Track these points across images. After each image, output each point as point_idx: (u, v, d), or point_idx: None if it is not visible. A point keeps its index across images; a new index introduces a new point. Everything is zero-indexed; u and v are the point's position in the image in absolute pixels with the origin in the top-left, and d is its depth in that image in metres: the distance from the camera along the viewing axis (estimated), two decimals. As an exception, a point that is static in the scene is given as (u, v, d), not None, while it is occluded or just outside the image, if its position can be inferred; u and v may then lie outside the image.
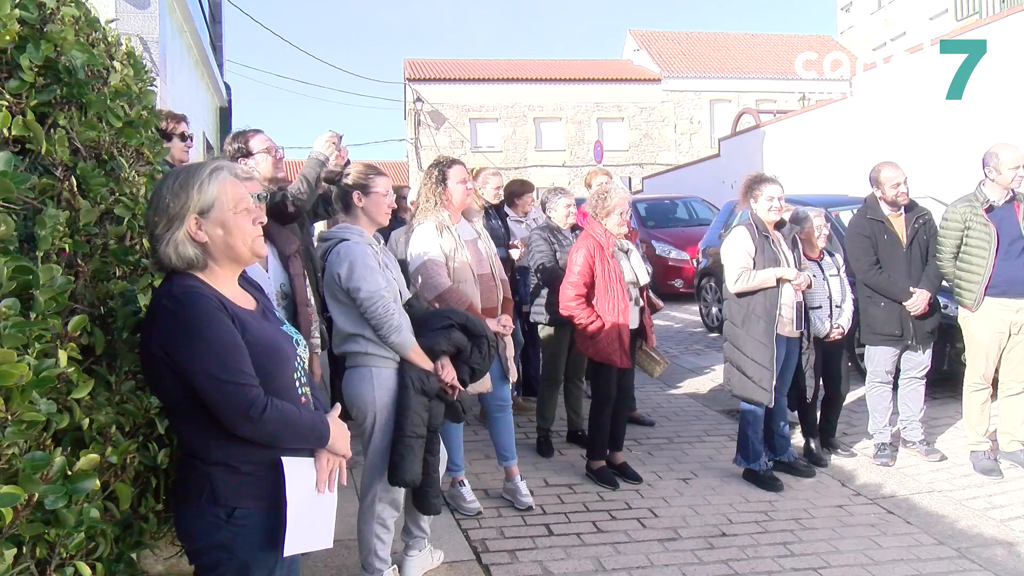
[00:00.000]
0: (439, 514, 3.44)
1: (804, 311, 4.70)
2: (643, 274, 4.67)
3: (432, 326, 3.21)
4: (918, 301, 4.80)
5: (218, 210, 1.89)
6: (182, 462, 1.97)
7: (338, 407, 2.15)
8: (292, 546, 1.91)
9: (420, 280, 3.83)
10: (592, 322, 4.43)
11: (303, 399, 2.03)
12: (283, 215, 3.49)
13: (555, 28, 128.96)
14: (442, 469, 3.47)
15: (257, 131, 3.81)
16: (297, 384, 2.02)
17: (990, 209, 4.69)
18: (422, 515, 3.41)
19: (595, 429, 4.69)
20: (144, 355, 1.89)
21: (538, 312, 5.28)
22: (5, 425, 1.45)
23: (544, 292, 5.21)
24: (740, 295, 4.54)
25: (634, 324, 4.59)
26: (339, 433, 2.04)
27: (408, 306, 3.25)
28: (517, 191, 6.30)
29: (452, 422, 3.52)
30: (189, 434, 1.92)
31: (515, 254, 5.63)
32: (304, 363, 2.10)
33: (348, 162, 3.96)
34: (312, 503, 1.96)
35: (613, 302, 4.45)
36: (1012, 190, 4.71)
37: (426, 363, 3.14)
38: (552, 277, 5.02)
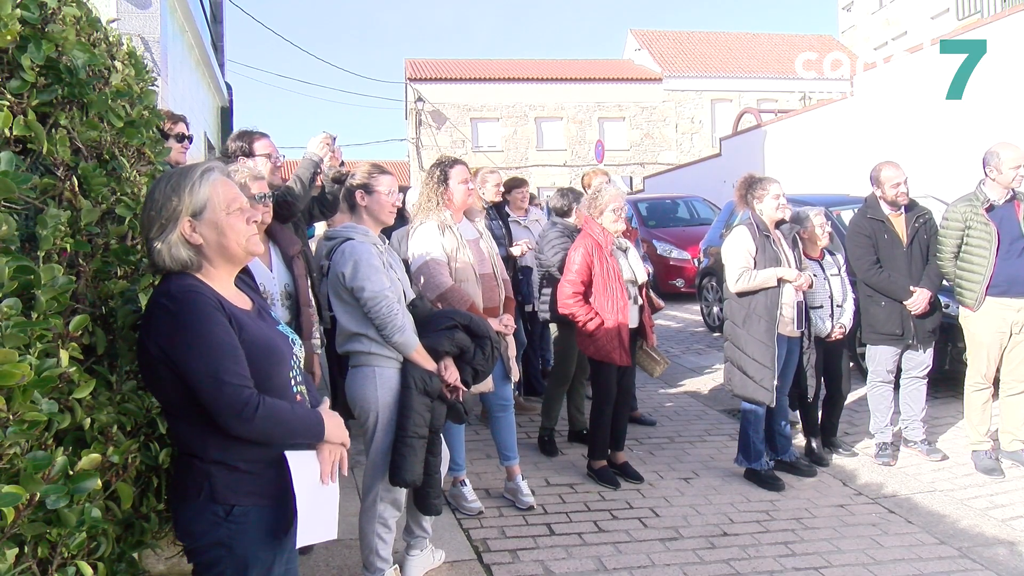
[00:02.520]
0: (440, 515, 3.44)
1: (804, 310, 4.70)
2: (641, 272, 4.67)
3: (436, 327, 3.21)
4: (918, 300, 4.80)
5: (211, 211, 1.90)
6: (180, 461, 1.98)
7: (327, 400, 2.16)
8: (303, 538, 1.94)
9: (422, 279, 3.83)
10: (591, 319, 4.43)
11: (298, 397, 2.04)
12: (280, 214, 3.51)
13: (556, 28, 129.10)
14: (444, 469, 3.47)
15: (263, 135, 3.82)
16: (293, 383, 2.03)
17: (990, 208, 4.68)
18: (423, 515, 3.42)
19: (596, 429, 4.69)
20: (141, 354, 1.90)
21: (544, 309, 5.32)
22: (7, 425, 1.45)
23: (549, 290, 5.21)
24: (741, 295, 4.54)
25: (633, 323, 4.60)
26: (334, 424, 2.05)
27: (412, 306, 3.25)
28: (510, 186, 6.33)
29: (454, 423, 3.52)
30: (187, 432, 1.92)
31: (516, 251, 5.63)
32: (300, 362, 2.12)
33: (343, 163, 3.98)
34: (317, 495, 1.98)
35: (612, 300, 4.45)
36: (1012, 189, 4.71)
37: (429, 363, 3.13)
38: None
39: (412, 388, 3.07)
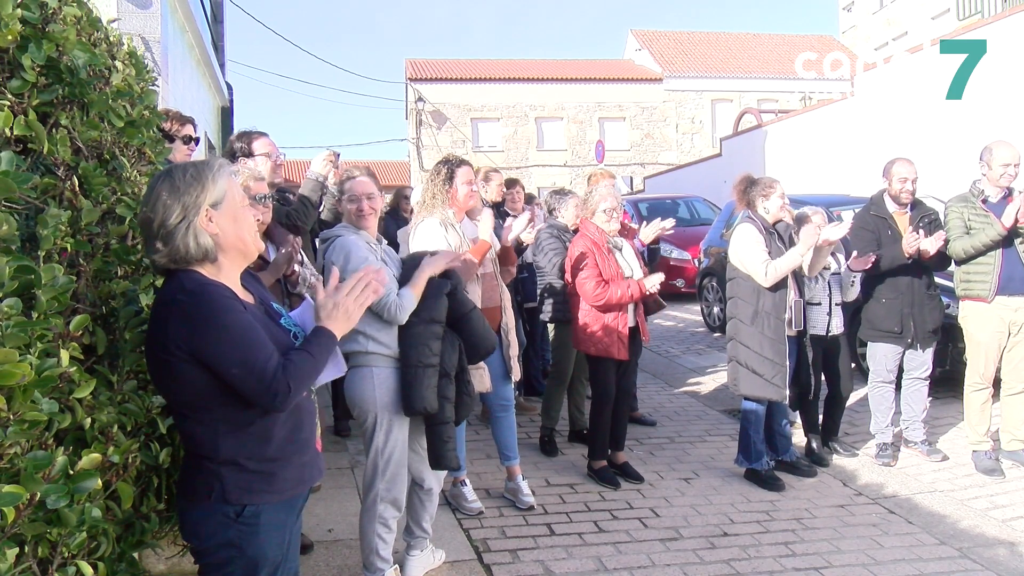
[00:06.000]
0: (457, 469, 3.43)
1: (803, 309, 4.69)
2: (636, 269, 4.67)
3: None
4: (909, 240, 4.72)
5: (229, 202, 1.92)
6: (189, 461, 1.98)
7: (309, 300, 2.13)
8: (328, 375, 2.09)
9: None
10: (627, 289, 4.38)
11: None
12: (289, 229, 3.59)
13: (556, 28, 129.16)
14: (443, 472, 3.46)
15: (262, 134, 3.85)
16: None
17: (985, 201, 4.70)
18: (425, 512, 3.42)
19: (596, 429, 4.69)
20: (156, 353, 1.87)
21: (547, 312, 5.31)
22: (7, 424, 1.45)
23: (555, 290, 5.20)
24: (744, 297, 4.52)
25: (631, 321, 4.58)
26: (329, 316, 2.02)
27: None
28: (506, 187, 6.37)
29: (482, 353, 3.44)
30: (197, 433, 1.92)
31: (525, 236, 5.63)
32: None
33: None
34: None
35: (613, 294, 4.43)
36: (1009, 187, 4.72)
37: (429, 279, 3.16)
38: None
39: (417, 319, 3.11)
